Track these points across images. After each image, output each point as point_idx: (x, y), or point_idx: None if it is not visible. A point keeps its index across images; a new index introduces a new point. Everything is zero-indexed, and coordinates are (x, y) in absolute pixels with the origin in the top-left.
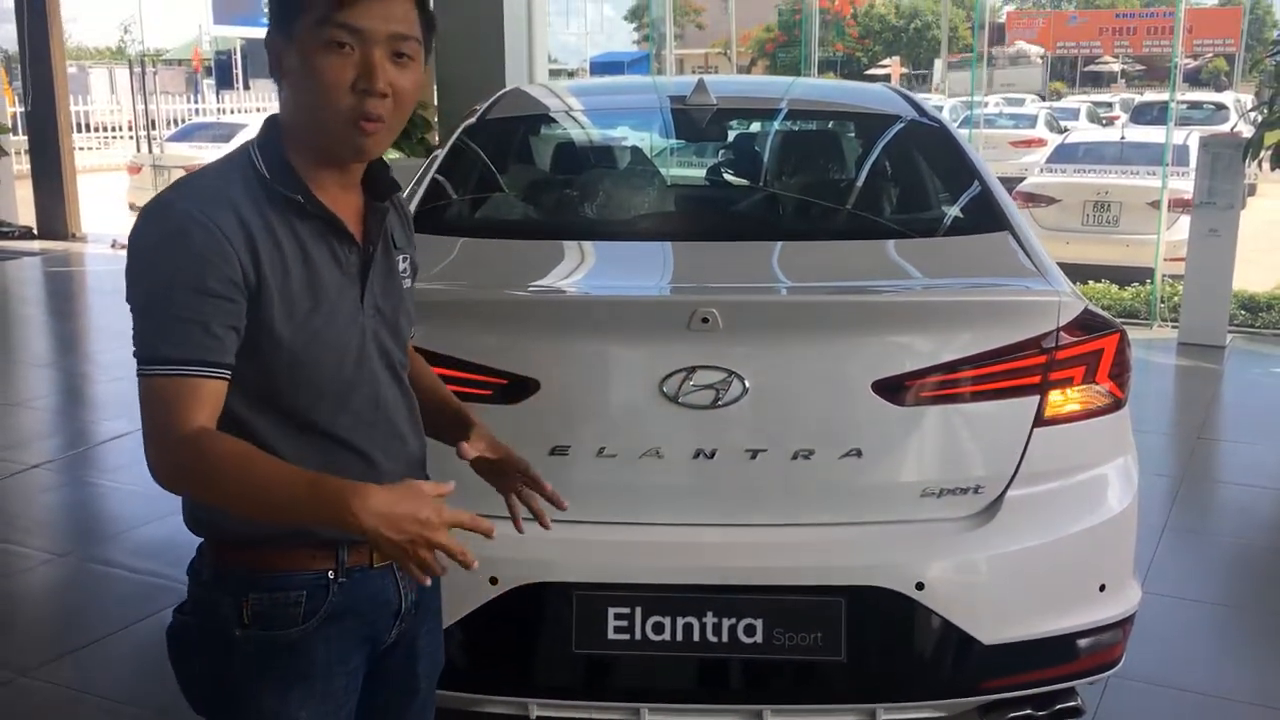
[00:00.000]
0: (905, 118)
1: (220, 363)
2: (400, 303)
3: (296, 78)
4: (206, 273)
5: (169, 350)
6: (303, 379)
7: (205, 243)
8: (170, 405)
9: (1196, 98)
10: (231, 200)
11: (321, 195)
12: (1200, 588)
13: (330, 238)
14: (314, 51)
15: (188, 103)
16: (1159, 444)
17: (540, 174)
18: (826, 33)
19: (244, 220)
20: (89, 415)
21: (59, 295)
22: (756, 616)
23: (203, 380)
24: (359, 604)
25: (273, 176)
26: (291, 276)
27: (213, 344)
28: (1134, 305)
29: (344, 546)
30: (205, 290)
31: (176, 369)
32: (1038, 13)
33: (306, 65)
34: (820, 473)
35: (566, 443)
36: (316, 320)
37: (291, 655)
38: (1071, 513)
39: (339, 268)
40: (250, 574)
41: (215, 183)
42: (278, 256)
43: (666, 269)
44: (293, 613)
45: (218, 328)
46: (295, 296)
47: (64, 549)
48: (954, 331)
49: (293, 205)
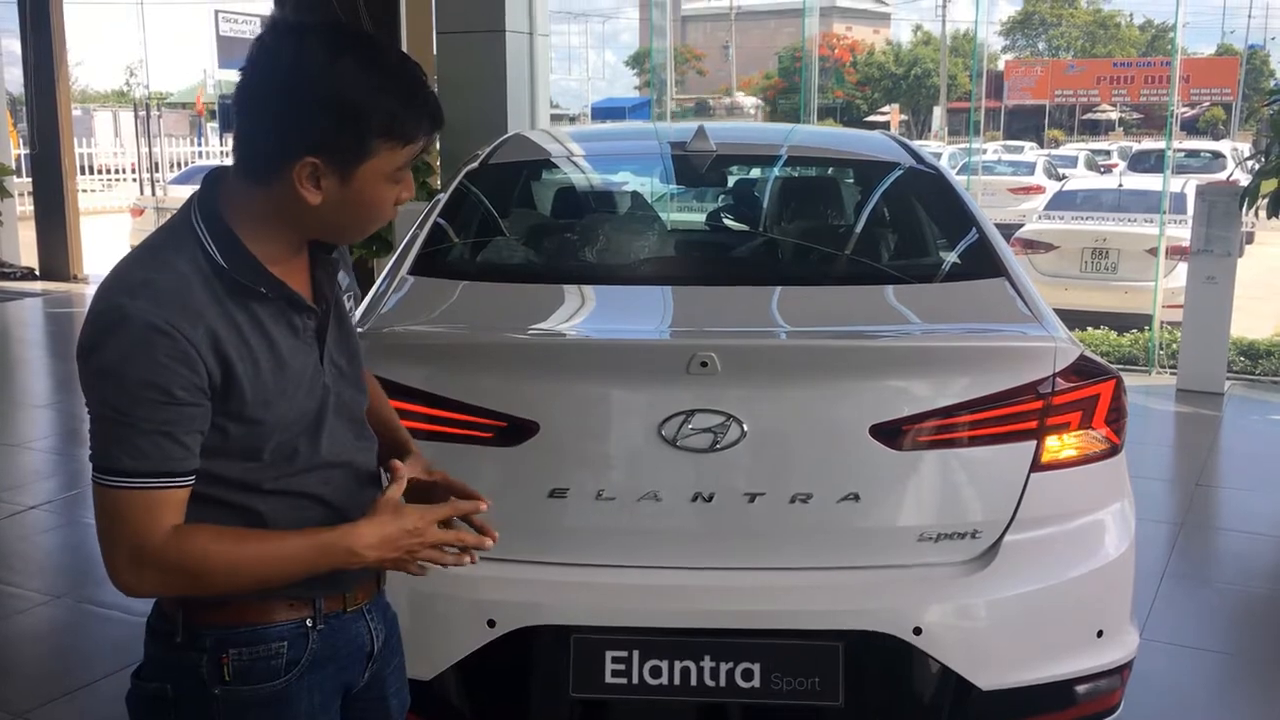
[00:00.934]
0: (903, 165)
1: (187, 471)
2: (355, 350)
3: (337, 199)
4: (172, 383)
5: (133, 464)
6: (273, 446)
7: (169, 353)
8: (137, 520)
9: (1194, 146)
10: (192, 301)
11: (276, 269)
12: (1199, 635)
13: (289, 312)
14: (377, 184)
15: (191, 145)
16: (1158, 491)
17: (542, 218)
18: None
19: (206, 320)
20: (87, 456)
21: (60, 336)
22: (754, 661)
23: (169, 492)
24: (337, 650)
25: (231, 267)
26: (260, 366)
27: (180, 453)
28: (1132, 352)
29: (320, 593)
30: (172, 400)
31: (141, 482)
32: (1036, 61)
33: (361, 195)
34: (818, 516)
35: (565, 485)
36: (285, 398)
37: (274, 708)
38: (1069, 558)
39: (297, 337)
40: (228, 630)
41: (170, 281)
42: (245, 350)
43: (666, 313)
44: (275, 664)
45: (184, 435)
46: (266, 381)
47: (61, 590)
48: (951, 377)
49: (253, 294)
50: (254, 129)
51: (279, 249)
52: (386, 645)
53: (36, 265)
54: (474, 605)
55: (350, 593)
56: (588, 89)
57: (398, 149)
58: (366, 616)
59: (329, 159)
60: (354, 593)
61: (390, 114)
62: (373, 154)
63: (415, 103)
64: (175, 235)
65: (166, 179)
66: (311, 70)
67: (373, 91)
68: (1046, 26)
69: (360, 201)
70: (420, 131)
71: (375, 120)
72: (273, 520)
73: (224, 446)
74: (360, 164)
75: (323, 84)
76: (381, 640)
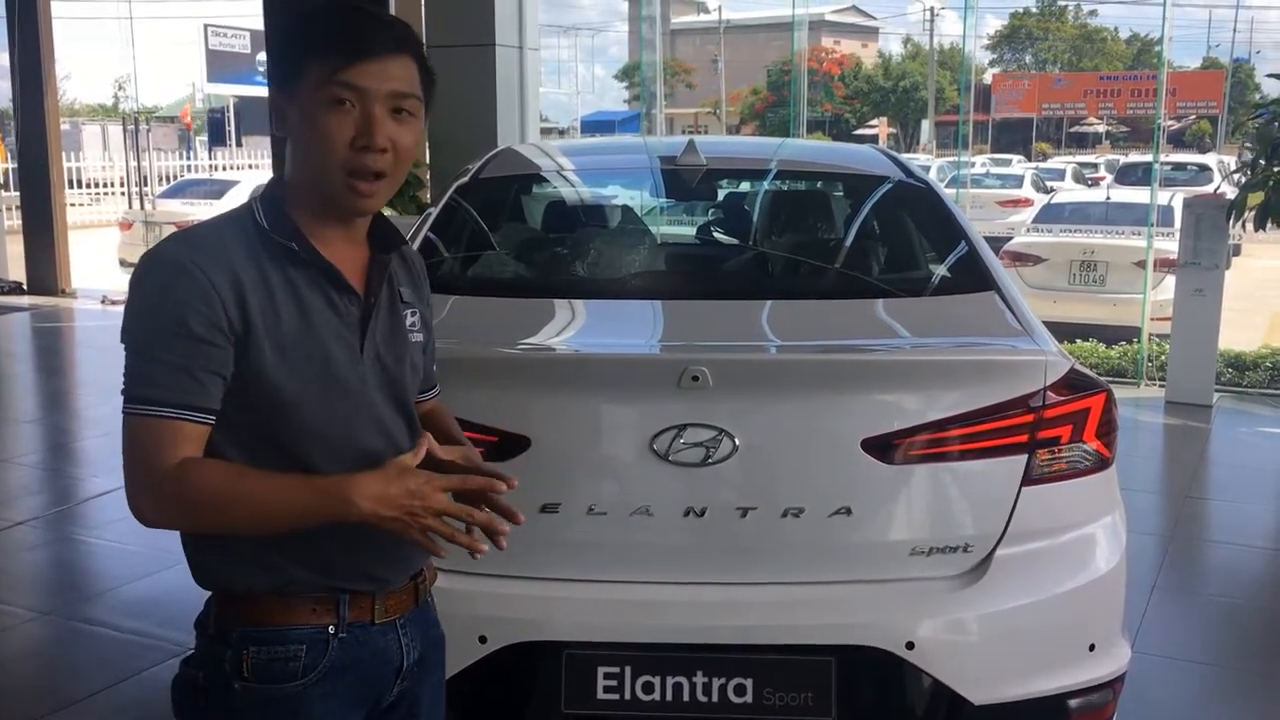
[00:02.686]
0: (892, 178)
1: (202, 407)
2: (405, 356)
3: (298, 134)
4: (189, 317)
5: (151, 392)
6: (298, 423)
7: (189, 289)
8: (151, 447)
9: (1180, 159)
10: (225, 249)
11: (324, 248)
12: (1190, 647)
13: (326, 286)
14: (316, 109)
15: (180, 159)
16: (1148, 503)
17: (532, 233)
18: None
19: (235, 268)
20: (75, 472)
21: (47, 351)
22: (746, 676)
23: (183, 424)
24: (360, 662)
25: (270, 226)
26: (283, 322)
27: (195, 389)
28: (1121, 364)
29: (345, 600)
30: (188, 335)
31: (157, 410)
32: (1023, 74)
33: (308, 122)
34: (810, 531)
35: (557, 500)
36: (311, 366)
37: (288, 710)
38: (1060, 572)
39: (337, 316)
40: (253, 628)
41: (212, 233)
42: (269, 303)
43: (657, 327)
44: (291, 667)
45: (200, 372)
46: (287, 342)
47: (48, 607)
48: (942, 390)
49: (288, 253)
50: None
51: (326, 228)
52: (421, 663)
53: (24, 279)
54: (465, 621)
55: (380, 603)
56: (577, 102)
57: (327, 67)
58: (399, 631)
59: (282, 88)
60: (384, 604)
61: (315, 34)
62: (305, 75)
63: (340, 23)
64: (236, 209)
65: (155, 193)
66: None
67: (302, 19)
68: (1033, 40)
69: (311, 135)
70: (341, 45)
71: (302, 41)
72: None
73: (248, 418)
74: (297, 85)
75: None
76: (415, 657)
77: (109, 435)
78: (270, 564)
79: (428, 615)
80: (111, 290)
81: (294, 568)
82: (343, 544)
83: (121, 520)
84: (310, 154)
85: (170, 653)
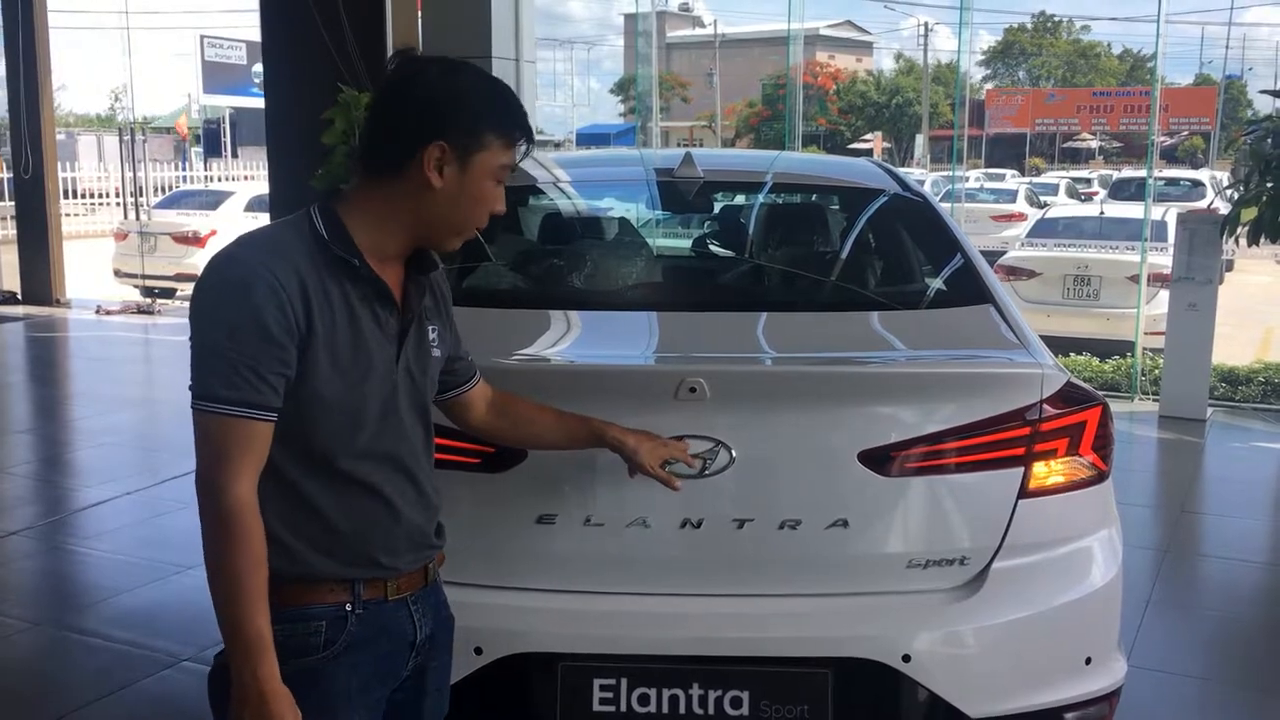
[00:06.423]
0: (889, 191)
1: (268, 406)
2: (428, 368)
3: (452, 189)
4: (266, 319)
5: (222, 390)
6: (333, 424)
7: (264, 292)
8: (221, 448)
9: (1174, 174)
10: (290, 255)
11: (376, 266)
12: (1185, 661)
13: (374, 301)
14: (484, 178)
15: (176, 170)
16: (1142, 517)
17: (529, 244)
18: (810, 107)
19: (300, 273)
20: (68, 482)
21: (41, 361)
22: (743, 688)
23: (250, 422)
24: (377, 636)
25: (331, 238)
26: (338, 330)
27: (263, 388)
28: (1115, 378)
29: (359, 582)
30: (263, 337)
31: (228, 409)
32: (1017, 90)
33: (472, 183)
34: (807, 543)
35: (553, 512)
36: (355, 373)
37: (315, 685)
38: (1057, 585)
39: (379, 328)
40: (277, 609)
41: (277, 238)
42: (328, 310)
43: (654, 339)
44: (314, 641)
45: (268, 373)
46: (339, 348)
47: (41, 617)
48: (939, 403)
49: (346, 268)
50: (388, 125)
51: (380, 245)
52: (432, 640)
53: (19, 289)
54: (461, 632)
55: (393, 582)
56: (572, 115)
57: (504, 147)
58: (410, 606)
59: (452, 144)
60: (396, 582)
61: (500, 112)
62: (485, 145)
63: (517, 111)
64: (293, 218)
65: (151, 203)
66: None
67: (486, 94)
68: (1027, 56)
69: (471, 194)
70: (520, 134)
71: (488, 115)
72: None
73: (286, 412)
74: (476, 152)
75: (447, 84)
76: (427, 633)
77: (103, 446)
78: (294, 556)
79: (438, 595)
80: (106, 300)
81: (315, 558)
82: (362, 542)
83: (114, 531)
84: (455, 208)
85: (163, 664)
